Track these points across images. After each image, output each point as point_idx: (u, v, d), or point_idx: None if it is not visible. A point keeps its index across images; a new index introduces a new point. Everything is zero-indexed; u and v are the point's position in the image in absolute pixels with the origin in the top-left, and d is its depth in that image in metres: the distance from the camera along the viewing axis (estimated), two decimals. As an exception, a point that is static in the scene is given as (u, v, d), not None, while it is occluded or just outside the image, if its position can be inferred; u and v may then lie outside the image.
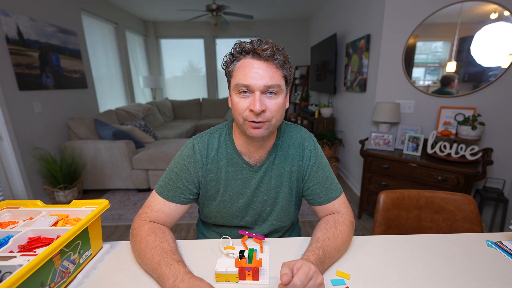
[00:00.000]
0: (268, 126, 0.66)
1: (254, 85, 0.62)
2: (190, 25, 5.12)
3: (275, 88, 0.64)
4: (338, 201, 0.78)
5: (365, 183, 2.10)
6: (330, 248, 0.65)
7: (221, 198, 0.77)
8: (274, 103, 0.65)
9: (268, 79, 0.62)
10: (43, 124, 2.47)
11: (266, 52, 0.62)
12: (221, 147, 0.76)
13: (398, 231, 1.02)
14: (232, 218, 0.80)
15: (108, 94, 3.76)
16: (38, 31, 2.41)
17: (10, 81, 2.13)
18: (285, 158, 0.78)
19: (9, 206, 0.70)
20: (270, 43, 0.63)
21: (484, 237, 0.77)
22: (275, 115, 0.66)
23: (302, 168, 0.78)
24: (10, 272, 0.48)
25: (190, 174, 0.74)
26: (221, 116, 5.24)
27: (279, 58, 0.64)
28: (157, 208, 0.73)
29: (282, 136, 0.79)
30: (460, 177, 1.63)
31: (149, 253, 0.62)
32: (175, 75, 5.54)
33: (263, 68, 0.63)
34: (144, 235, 0.66)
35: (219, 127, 0.80)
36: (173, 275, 0.55)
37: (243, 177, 0.76)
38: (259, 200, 0.78)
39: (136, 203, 2.56)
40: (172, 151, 2.72)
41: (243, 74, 0.63)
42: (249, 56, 0.64)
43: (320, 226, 0.72)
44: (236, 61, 0.66)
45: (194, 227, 2.13)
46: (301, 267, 0.52)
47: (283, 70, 0.66)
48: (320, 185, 0.78)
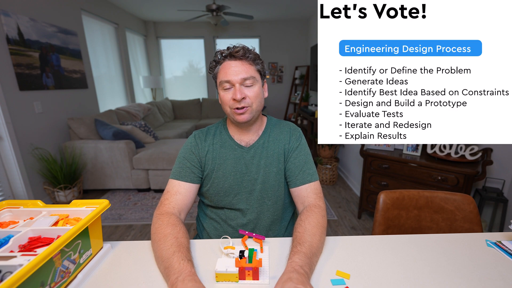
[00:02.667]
0: (250, 111, 0.81)
1: (233, 79, 0.78)
2: (190, 25, 5.12)
3: (250, 80, 0.80)
4: (312, 186, 0.85)
5: (365, 183, 2.10)
6: (307, 238, 0.67)
7: (215, 175, 0.87)
8: (252, 91, 0.80)
9: (244, 73, 0.79)
10: (44, 124, 2.47)
11: (239, 53, 0.79)
12: (217, 134, 0.91)
13: (398, 231, 1.02)
14: (225, 195, 0.88)
15: (108, 94, 3.76)
16: (39, 31, 2.41)
17: (10, 81, 2.14)
18: (274, 142, 0.90)
19: (9, 206, 0.70)
20: (241, 46, 0.81)
21: (484, 237, 0.78)
22: (254, 101, 0.81)
23: (287, 150, 0.90)
24: (11, 272, 0.48)
25: (194, 155, 0.87)
26: (221, 116, 5.23)
27: (250, 56, 0.81)
28: (174, 190, 0.83)
29: (272, 127, 0.92)
30: (460, 177, 1.63)
31: (169, 241, 0.65)
32: (175, 75, 5.54)
33: (238, 65, 0.79)
34: (168, 224, 0.71)
35: (216, 123, 0.96)
36: (178, 271, 0.56)
37: (235, 156, 0.88)
38: (249, 178, 0.87)
39: (136, 203, 2.56)
40: (172, 151, 2.72)
41: (224, 73, 0.80)
42: (227, 59, 0.81)
43: (296, 223, 0.75)
44: (218, 65, 0.83)
45: (194, 227, 2.13)
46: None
47: (255, 65, 0.82)
48: (299, 167, 0.87)
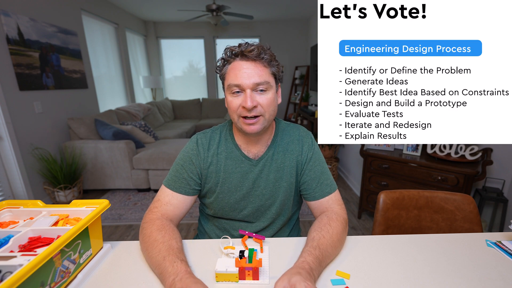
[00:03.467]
0: (262, 121, 0.71)
1: (244, 84, 0.67)
2: (190, 25, 5.11)
3: (264, 85, 0.69)
4: (332, 197, 0.80)
5: (365, 183, 2.10)
6: (326, 246, 0.65)
7: (220, 190, 0.79)
8: (265, 98, 0.70)
9: (257, 77, 0.68)
10: (44, 124, 2.47)
11: (253, 53, 0.68)
12: (222, 142, 0.81)
13: (398, 231, 1.02)
14: (230, 210, 0.82)
15: (108, 94, 3.76)
16: (39, 31, 2.41)
17: (10, 81, 2.14)
18: (284, 154, 0.81)
19: (9, 206, 0.70)
20: (256, 45, 0.69)
21: (484, 237, 0.78)
22: (267, 110, 0.71)
23: (300, 163, 0.81)
24: (11, 272, 0.48)
25: (194, 165, 0.78)
26: (221, 116, 5.24)
27: (265, 57, 0.69)
28: (166, 200, 0.76)
29: (281, 133, 0.83)
30: (460, 177, 1.63)
31: (157, 247, 0.63)
32: (175, 75, 5.54)
33: (251, 67, 0.68)
34: (155, 229, 0.68)
35: (221, 125, 0.85)
36: (174, 273, 0.56)
37: (241, 170, 0.79)
38: (257, 194, 0.80)
39: (136, 203, 2.56)
40: (172, 151, 2.72)
41: (234, 75, 0.69)
42: (238, 58, 0.70)
43: (315, 226, 0.72)
44: (227, 64, 0.72)
45: (194, 227, 2.13)
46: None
47: (271, 67, 0.71)
48: (316, 180, 0.80)
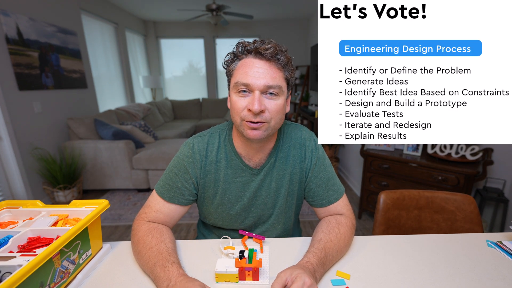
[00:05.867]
0: (266, 128, 0.65)
1: (254, 84, 0.61)
2: (190, 25, 5.11)
3: (275, 89, 0.63)
4: (340, 203, 0.78)
5: (365, 183, 2.10)
6: (332, 250, 0.65)
7: (219, 201, 0.75)
8: (274, 104, 0.63)
9: (269, 79, 0.61)
10: (43, 124, 2.47)
11: (268, 52, 0.61)
12: (221, 148, 0.74)
13: (398, 231, 1.02)
14: (231, 222, 0.79)
15: (108, 94, 3.76)
16: (38, 31, 2.41)
17: (10, 81, 2.13)
18: (286, 160, 0.76)
19: (8, 206, 0.70)
20: (273, 43, 0.62)
21: (485, 237, 0.77)
22: (274, 117, 0.64)
23: (304, 169, 0.77)
24: (10, 272, 0.48)
25: (189, 174, 0.73)
26: (221, 116, 5.24)
27: (281, 58, 0.63)
28: (156, 208, 0.73)
29: (283, 137, 0.77)
30: (460, 177, 1.63)
31: (146, 254, 0.61)
32: (175, 75, 5.54)
33: (264, 67, 0.62)
34: (142, 235, 0.66)
35: (220, 127, 0.78)
36: (166, 278, 0.54)
37: (242, 180, 0.74)
38: (259, 203, 0.77)
39: (136, 203, 2.56)
40: (172, 151, 2.72)
41: (244, 73, 0.62)
42: (251, 55, 0.63)
43: (322, 227, 0.71)
44: (237, 60, 0.65)
45: (194, 227, 2.13)
46: (296, 280, 0.50)
47: (285, 71, 0.65)
48: (322, 186, 0.77)
